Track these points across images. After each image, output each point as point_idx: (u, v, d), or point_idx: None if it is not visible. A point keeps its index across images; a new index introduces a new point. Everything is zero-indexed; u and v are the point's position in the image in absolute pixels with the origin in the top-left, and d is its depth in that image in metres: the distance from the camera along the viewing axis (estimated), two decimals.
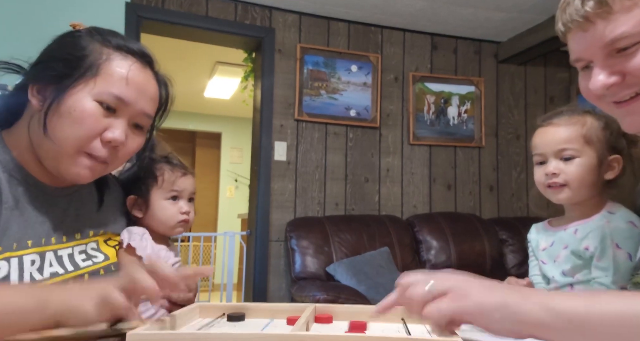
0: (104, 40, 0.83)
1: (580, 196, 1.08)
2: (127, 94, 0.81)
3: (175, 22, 3.11)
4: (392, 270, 2.91)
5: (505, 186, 3.81)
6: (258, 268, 3.14)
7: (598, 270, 1.02)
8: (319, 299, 2.43)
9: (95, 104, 0.78)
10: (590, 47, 0.71)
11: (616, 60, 0.69)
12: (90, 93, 0.78)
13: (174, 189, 1.09)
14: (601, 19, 0.68)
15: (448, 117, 3.67)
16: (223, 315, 0.74)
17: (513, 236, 3.42)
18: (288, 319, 0.70)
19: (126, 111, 0.82)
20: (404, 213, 3.50)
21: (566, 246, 1.09)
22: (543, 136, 1.13)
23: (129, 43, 0.85)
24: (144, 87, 0.84)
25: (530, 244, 1.22)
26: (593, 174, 1.06)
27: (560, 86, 3.99)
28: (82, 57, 0.80)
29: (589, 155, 1.07)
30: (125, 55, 0.83)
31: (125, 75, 0.81)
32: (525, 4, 3.18)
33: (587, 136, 1.07)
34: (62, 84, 0.78)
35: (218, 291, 4.83)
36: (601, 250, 1.01)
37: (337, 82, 3.39)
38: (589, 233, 1.05)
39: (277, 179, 3.24)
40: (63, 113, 0.77)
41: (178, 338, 0.56)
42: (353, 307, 0.75)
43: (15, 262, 0.77)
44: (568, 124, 1.09)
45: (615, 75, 0.70)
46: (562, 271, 1.08)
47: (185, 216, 1.10)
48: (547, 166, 1.10)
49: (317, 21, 3.42)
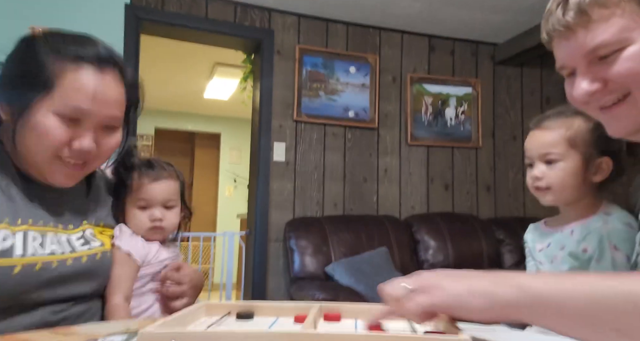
0: (56, 50, 0.82)
1: (565, 198, 1.10)
2: (85, 105, 0.81)
3: (175, 23, 3.13)
4: (391, 270, 2.93)
5: (502, 186, 3.83)
6: (257, 268, 3.15)
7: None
8: (318, 299, 2.45)
9: (56, 118, 0.80)
10: (573, 55, 0.73)
11: (598, 67, 0.71)
12: (49, 109, 0.80)
13: (141, 198, 1.04)
14: (582, 28, 0.70)
15: (445, 118, 3.70)
16: (229, 314, 0.74)
17: (510, 236, 3.44)
18: (295, 317, 0.70)
19: (90, 120, 0.83)
20: (402, 213, 3.53)
21: (563, 248, 1.09)
22: (531, 140, 1.15)
23: (84, 48, 0.83)
24: (103, 93, 0.83)
25: (527, 245, 1.23)
26: (577, 177, 1.07)
27: (557, 87, 4.01)
28: (37, 73, 0.80)
29: (573, 158, 1.07)
30: (78, 64, 0.82)
31: (80, 86, 0.81)
32: (522, 6, 3.21)
33: (571, 139, 1.07)
34: (24, 101, 0.80)
35: (217, 291, 4.84)
36: (599, 252, 1.01)
37: (336, 83, 3.42)
38: (586, 235, 1.05)
39: (276, 179, 3.26)
40: (28, 129, 0.80)
41: (190, 336, 0.56)
42: (359, 305, 0.76)
43: (20, 236, 0.80)
44: (554, 127, 1.10)
45: (598, 82, 0.71)
46: (560, 272, 1.08)
47: (157, 223, 1.04)
48: (533, 169, 1.12)
49: (316, 23, 3.44)
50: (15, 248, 0.78)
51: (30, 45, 0.84)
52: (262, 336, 0.56)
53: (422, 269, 3.14)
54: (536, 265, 1.17)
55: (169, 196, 1.07)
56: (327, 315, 0.73)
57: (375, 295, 2.69)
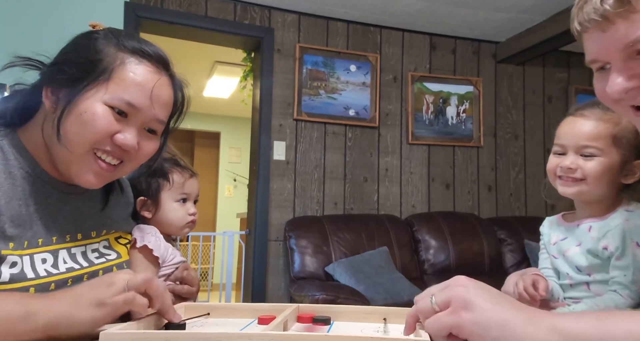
0: (119, 44, 0.81)
1: (593, 194, 1.04)
2: (139, 100, 0.80)
3: (174, 21, 3.11)
4: (391, 270, 2.92)
5: (503, 185, 3.82)
6: (257, 268, 3.14)
7: (617, 270, 0.99)
8: (318, 299, 2.43)
9: (106, 108, 0.78)
10: (609, 48, 0.66)
11: (636, 62, 0.65)
12: (102, 98, 0.77)
13: (183, 192, 1.10)
14: (622, 19, 0.63)
15: (446, 117, 3.68)
16: (208, 314, 0.75)
17: (511, 236, 3.43)
18: (259, 319, 0.69)
19: (138, 117, 0.81)
20: (403, 213, 3.51)
21: (579, 243, 1.06)
22: (569, 127, 1.05)
23: (145, 46, 0.83)
24: (157, 93, 0.82)
25: (542, 238, 1.19)
26: (612, 176, 1.01)
27: (559, 86, 4.00)
28: (96, 61, 0.79)
29: (612, 156, 1.01)
30: (139, 60, 0.81)
31: (138, 80, 0.80)
32: (524, 4, 3.19)
33: (616, 137, 1.00)
34: (75, 88, 0.77)
35: (217, 291, 4.83)
36: (621, 250, 0.98)
37: (336, 82, 3.40)
38: (607, 232, 1.01)
39: (276, 178, 3.24)
40: (75, 116, 0.77)
41: (150, 337, 0.57)
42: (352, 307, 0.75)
43: (27, 260, 0.77)
44: (600, 119, 1.02)
45: (635, 78, 0.66)
46: (577, 267, 1.06)
47: (193, 217, 1.12)
48: (565, 159, 1.04)
49: (316, 21, 3.42)
50: (26, 273, 0.76)
51: (90, 36, 0.82)
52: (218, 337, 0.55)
53: (422, 270, 3.08)
54: (550, 259, 1.15)
55: (199, 192, 1.15)
56: (300, 317, 0.72)
57: (375, 294, 2.69)
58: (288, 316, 0.68)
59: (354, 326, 0.70)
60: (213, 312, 0.76)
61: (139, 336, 0.57)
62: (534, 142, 3.90)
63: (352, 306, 0.74)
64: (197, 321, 0.74)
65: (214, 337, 0.54)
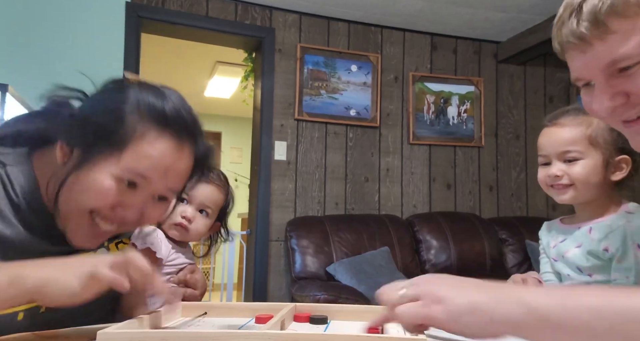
0: (144, 109, 0.75)
1: (585, 196, 1.07)
2: (152, 174, 0.75)
3: (176, 22, 3.11)
4: (393, 270, 2.91)
5: (504, 185, 3.81)
6: (258, 268, 3.14)
7: (618, 272, 1.00)
8: (319, 299, 2.44)
9: (114, 182, 0.73)
10: (590, 68, 0.67)
11: (618, 80, 0.66)
12: (112, 170, 0.73)
13: (185, 192, 1.04)
14: (599, 41, 0.64)
15: (448, 117, 3.68)
16: (205, 314, 0.76)
17: (513, 236, 3.42)
18: (256, 318, 0.70)
19: (148, 188, 0.76)
20: (404, 213, 3.51)
21: (579, 245, 1.07)
22: (547, 137, 1.11)
23: (173, 112, 0.76)
24: (173, 166, 0.77)
25: (541, 242, 1.21)
26: (598, 175, 1.05)
27: (560, 86, 3.99)
28: (115, 129, 0.74)
29: (594, 156, 1.05)
30: (160, 132, 0.75)
31: (154, 155, 0.74)
32: (525, 4, 3.19)
33: (592, 137, 1.05)
34: (88, 153, 0.74)
35: (218, 291, 4.83)
36: (622, 252, 0.99)
37: (337, 82, 3.40)
38: (608, 234, 1.02)
39: (277, 178, 3.24)
40: (79, 181, 0.74)
41: (147, 336, 0.57)
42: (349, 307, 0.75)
43: None
44: (573, 124, 1.07)
45: (619, 96, 0.66)
46: (578, 267, 1.06)
47: (184, 221, 1.03)
48: (551, 168, 1.09)
49: (317, 21, 3.42)
50: None
51: (119, 94, 0.77)
52: (216, 336, 0.55)
53: (424, 270, 3.09)
54: (550, 262, 1.15)
55: (207, 202, 1.05)
56: (297, 316, 0.72)
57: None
58: (285, 315, 0.68)
59: (351, 325, 0.70)
60: (210, 311, 0.77)
61: (136, 335, 0.57)
62: (535, 142, 3.84)
63: (349, 305, 0.74)
64: (195, 320, 0.74)
65: (210, 336, 0.54)
